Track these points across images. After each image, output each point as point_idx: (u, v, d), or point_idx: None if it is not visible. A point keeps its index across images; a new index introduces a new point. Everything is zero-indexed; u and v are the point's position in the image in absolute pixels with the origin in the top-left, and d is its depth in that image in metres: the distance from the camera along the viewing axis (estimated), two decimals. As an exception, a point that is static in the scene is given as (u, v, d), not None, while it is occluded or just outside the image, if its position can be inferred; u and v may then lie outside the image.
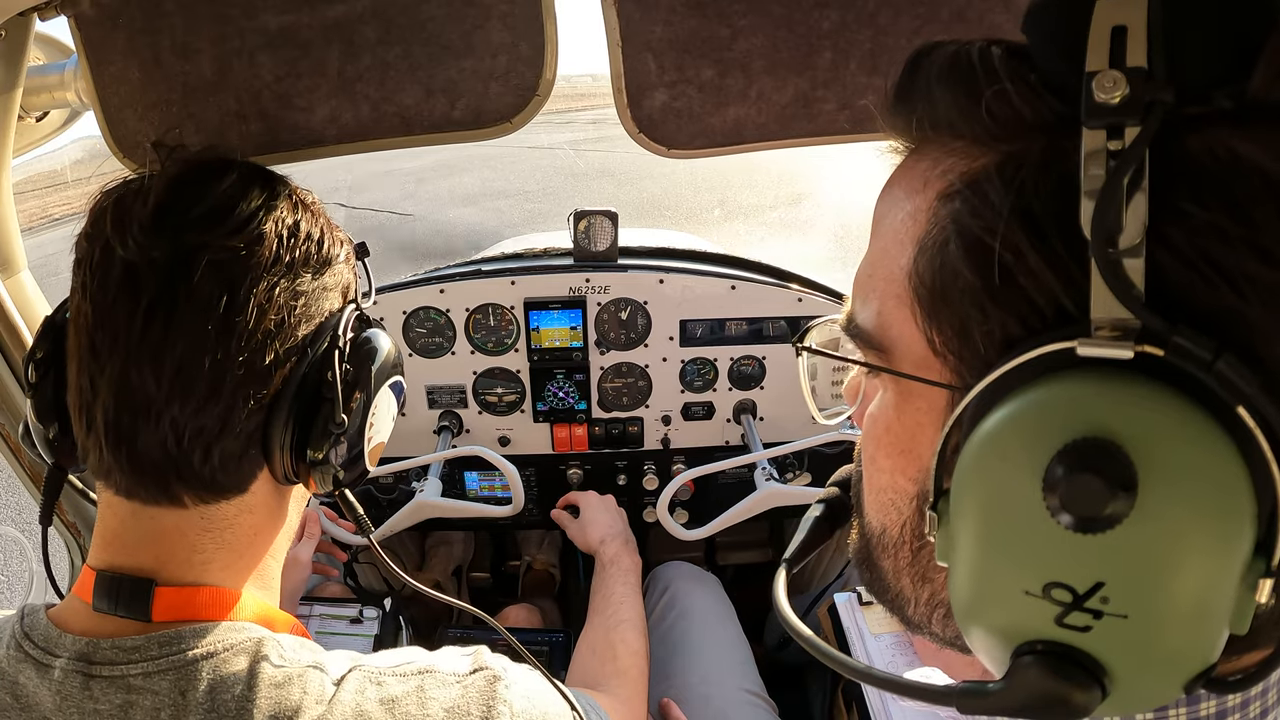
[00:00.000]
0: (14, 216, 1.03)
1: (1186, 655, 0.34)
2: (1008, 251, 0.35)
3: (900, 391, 0.44)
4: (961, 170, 0.39)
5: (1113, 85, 0.32)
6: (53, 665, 0.59)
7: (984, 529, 0.36)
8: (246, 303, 0.60)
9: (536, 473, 1.83)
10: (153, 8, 0.86)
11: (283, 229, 0.64)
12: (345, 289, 0.71)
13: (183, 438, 0.60)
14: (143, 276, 0.59)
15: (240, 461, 0.63)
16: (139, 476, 0.61)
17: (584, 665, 1.25)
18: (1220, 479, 0.31)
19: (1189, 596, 0.32)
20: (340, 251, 0.70)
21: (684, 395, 1.76)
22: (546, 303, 1.64)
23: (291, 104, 0.91)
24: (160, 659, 0.59)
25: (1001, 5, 0.81)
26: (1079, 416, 0.32)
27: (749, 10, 0.85)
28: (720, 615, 1.63)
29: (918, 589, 0.46)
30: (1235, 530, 0.31)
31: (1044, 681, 0.34)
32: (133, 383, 0.59)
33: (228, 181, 0.64)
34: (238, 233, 0.61)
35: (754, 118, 0.92)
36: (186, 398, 0.59)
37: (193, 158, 0.66)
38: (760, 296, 1.66)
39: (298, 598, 1.48)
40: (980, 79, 0.37)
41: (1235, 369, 0.30)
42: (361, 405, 0.68)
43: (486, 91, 0.91)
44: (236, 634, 0.61)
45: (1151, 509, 0.31)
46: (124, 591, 0.60)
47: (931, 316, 0.40)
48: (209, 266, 0.59)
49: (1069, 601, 0.34)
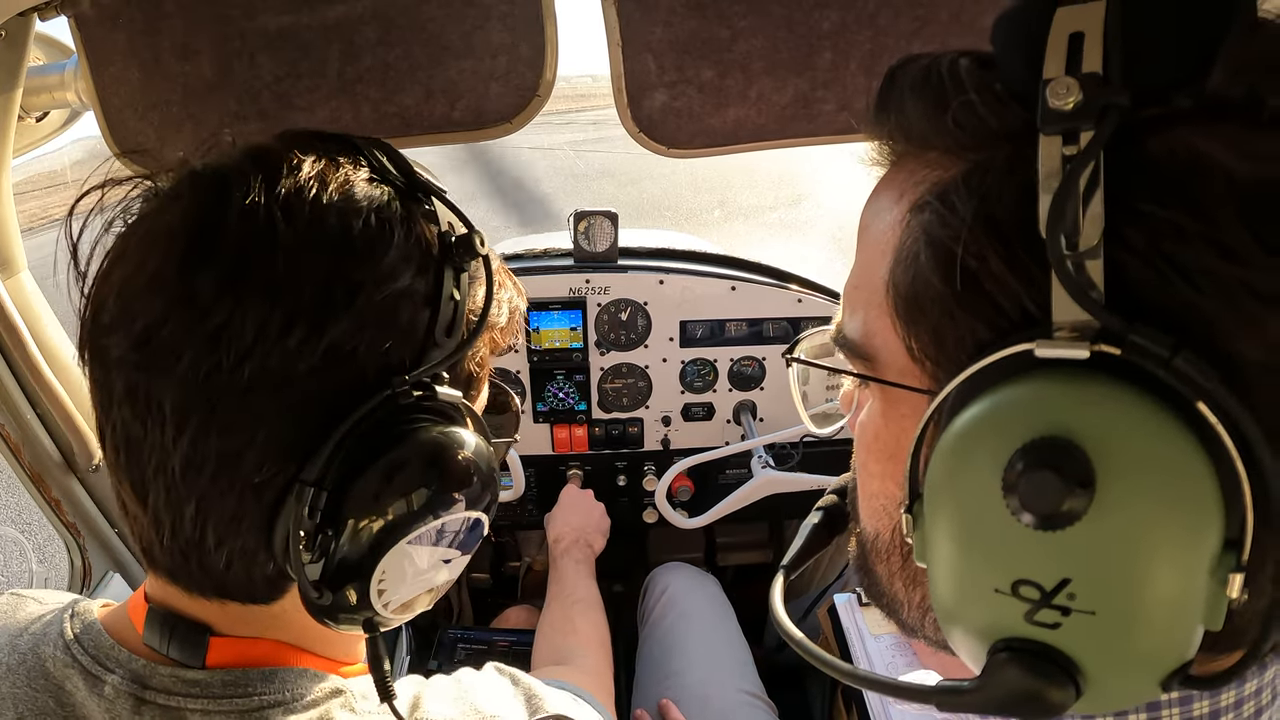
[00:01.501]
0: (14, 217, 1.03)
1: (1159, 652, 0.33)
2: (972, 258, 0.36)
3: (886, 399, 0.45)
4: (933, 181, 0.40)
5: (1066, 91, 0.32)
6: (104, 680, 0.53)
7: (953, 529, 0.37)
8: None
9: (536, 473, 1.83)
10: (153, 8, 0.86)
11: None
12: (389, 351, 0.49)
13: (185, 555, 0.51)
14: None
15: (250, 580, 0.52)
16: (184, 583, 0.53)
17: (548, 642, 1.27)
18: (1180, 474, 0.31)
19: (1155, 592, 0.32)
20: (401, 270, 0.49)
21: (684, 396, 1.76)
22: (546, 303, 1.64)
23: (292, 105, 0.91)
24: (223, 699, 0.52)
25: (999, 7, 0.81)
26: (1036, 416, 0.33)
27: (749, 11, 0.85)
28: (719, 616, 1.64)
29: (910, 592, 0.47)
30: (1199, 524, 0.31)
31: (1017, 678, 0.35)
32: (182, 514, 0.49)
33: None
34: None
35: (754, 118, 0.93)
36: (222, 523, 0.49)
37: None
38: (760, 297, 1.66)
39: None
40: (949, 90, 0.38)
41: (1194, 365, 0.31)
42: (352, 550, 0.49)
43: (487, 92, 0.91)
44: (309, 681, 0.54)
45: (1110, 505, 0.31)
46: (177, 634, 0.53)
47: (909, 325, 0.40)
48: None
49: (1037, 599, 0.34)
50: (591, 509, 1.71)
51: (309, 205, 0.47)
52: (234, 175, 0.48)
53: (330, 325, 0.46)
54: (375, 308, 0.47)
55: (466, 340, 0.52)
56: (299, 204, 0.47)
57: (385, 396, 0.47)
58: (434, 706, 0.59)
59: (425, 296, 0.49)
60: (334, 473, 0.47)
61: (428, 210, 0.53)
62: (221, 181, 0.48)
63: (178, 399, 0.46)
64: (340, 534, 0.47)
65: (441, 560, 0.53)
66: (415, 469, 0.48)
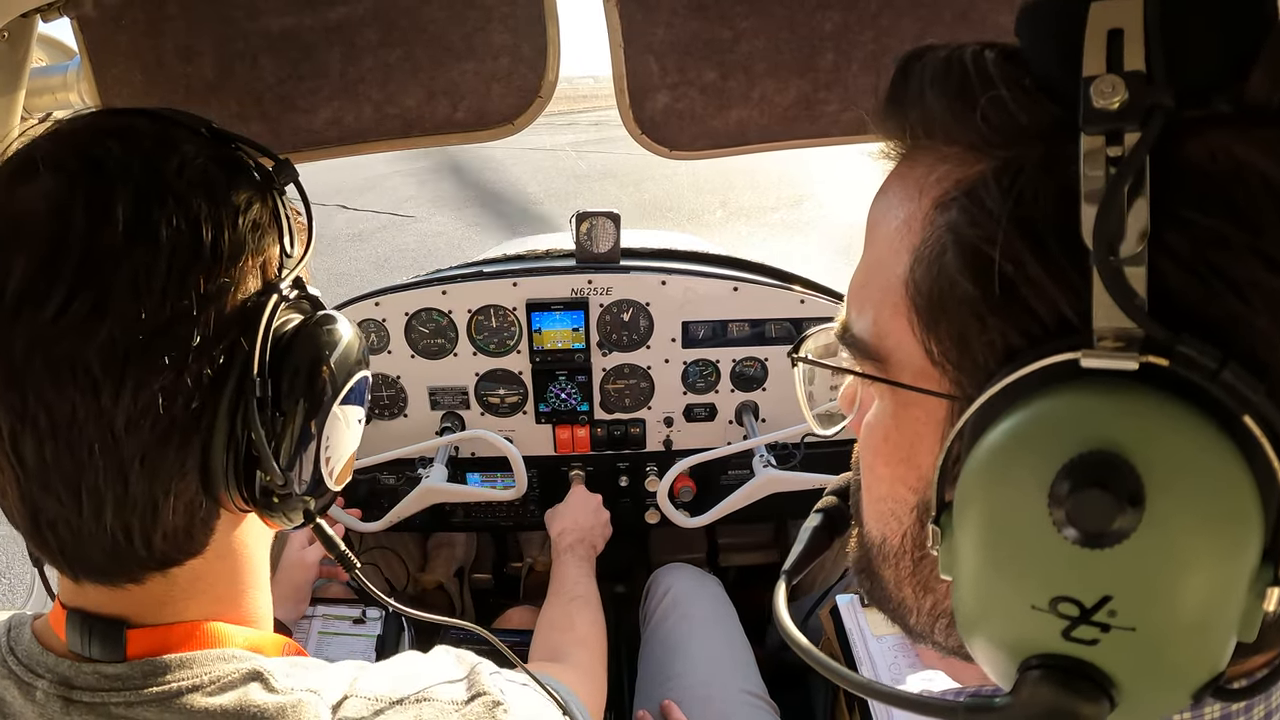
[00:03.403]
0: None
1: (1195, 665, 0.33)
2: (1008, 261, 0.35)
3: (898, 401, 0.43)
4: (957, 178, 0.38)
5: (1111, 90, 0.31)
6: (35, 686, 0.56)
7: (989, 543, 0.35)
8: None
9: (539, 474, 1.83)
10: (155, 10, 0.86)
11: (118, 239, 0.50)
12: (264, 266, 0.56)
13: (127, 532, 0.53)
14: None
15: (190, 529, 0.56)
16: (91, 578, 0.56)
17: (545, 638, 1.28)
18: (1227, 489, 0.31)
19: (1197, 607, 0.32)
20: (240, 222, 0.54)
21: (686, 397, 1.76)
22: (549, 304, 1.64)
23: (294, 106, 0.91)
24: (144, 689, 0.55)
25: (1006, 6, 0.81)
26: (1084, 430, 0.32)
27: (751, 12, 0.85)
28: (721, 617, 1.63)
29: (920, 599, 0.46)
30: (1242, 540, 0.31)
31: (1051, 695, 0.34)
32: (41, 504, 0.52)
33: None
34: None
35: (756, 119, 0.92)
36: (98, 505, 0.51)
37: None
38: (762, 298, 1.66)
39: (306, 599, 1.48)
40: (975, 84, 0.37)
41: (1241, 377, 0.30)
42: (302, 425, 0.56)
43: (488, 93, 0.91)
44: (225, 664, 0.57)
45: (1159, 522, 0.31)
46: (95, 633, 0.56)
47: (930, 327, 0.39)
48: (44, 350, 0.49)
49: (1076, 615, 0.33)
50: (600, 511, 1.72)
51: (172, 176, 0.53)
52: (105, 157, 0.52)
53: (221, 259, 0.53)
54: (244, 237, 0.55)
55: (306, 246, 0.60)
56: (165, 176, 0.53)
57: (279, 297, 0.55)
58: (367, 685, 0.62)
59: (271, 218, 0.58)
60: (267, 365, 0.54)
61: (239, 153, 0.60)
62: (92, 162, 0.52)
63: (106, 358, 0.49)
64: (290, 412, 0.55)
65: (356, 420, 0.63)
66: (327, 343, 0.58)
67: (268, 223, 0.57)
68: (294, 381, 0.56)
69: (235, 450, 0.54)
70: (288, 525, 0.61)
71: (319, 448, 0.59)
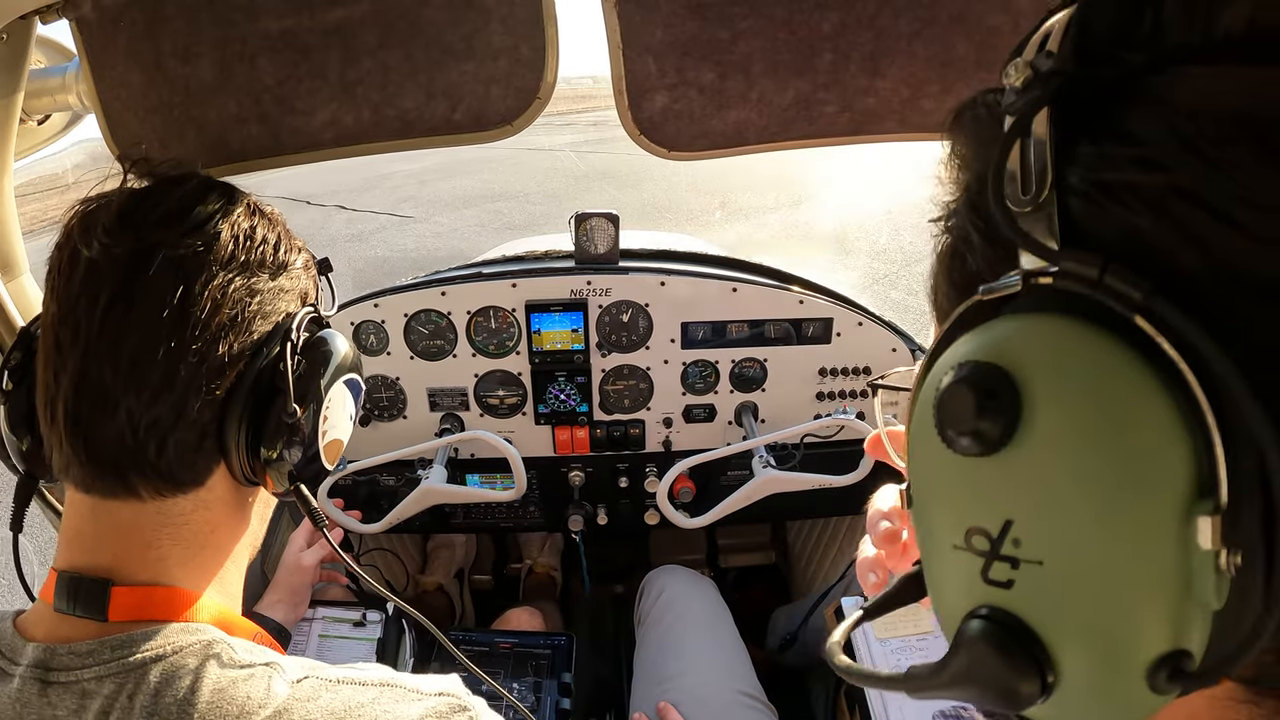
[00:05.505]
0: (16, 219, 1.04)
1: (1131, 625, 0.29)
2: (961, 243, 0.39)
3: None
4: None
5: (1015, 73, 0.34)
6: (13, 674, 0.60)
7: (918, 490, 0.37)
8: (201, 296, 0.63)
9: (538, 475, 1.83)
10: (154, 11, 0.86)
11: (239, 231, 0.67)
12: (303, 295, 0.74)
13: (138, 428, 0.62)
14: (103, 272, 0.62)
15: (196, 455, 0.65)
16: (96, 468, 0.62)
17: None
18: (1115, 394, 0.29)
19: (1103, 535, 0.29)
20: (297, 259, 0.73)
21: (685, 398, 1.76)
22: (548, 305, 1.64)
23: (292, 107, 0.91)
24: (111, 661, 0.59)
25: (1000, 8, 0.81)
26: (965, 350, 0.34)
27: (749, 13, 0.85)
28: (717, 618, 1.63)
29: None
30: (1146, 453, 0.28)
31: (974, 655, 0.33)
32: (91, 374, 0.61)
33: (187, 188, 0.68)
34: (195, 232, 0.65)
35: (755, 120, 0.93)
36: (141, 388, 0.61)
37: (156, 169, 0.69)
38: (761, 299, 1.66)
39: (305, 602, 1.48)
40: (970, 103, 0.41)
41: (1126, 279, 0.29)
42: (314, 401, 0.70)
43: (487, 94, 0.91)
44: (188, 636, 0.62)
45: (1039, 427, 0.30)
46: (82, 592, 0.62)
47: (940, 324, 0.42)
48: (165, 261, 0.62)
49: (987, 549, 0.33)
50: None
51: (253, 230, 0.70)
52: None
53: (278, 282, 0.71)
54: (298, 273, 0.73)
55: (324, 287, 0.81)
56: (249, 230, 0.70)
57: (309, 311, 0.72)
58: (328, 670, 0.65)
59: (305, 266, 0.75)
60: (299, 336, 0.70)
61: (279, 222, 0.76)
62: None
63: (184, 294, 0.63)
64: (313, 362, 0.71)
65: (349, 414, 0.77)
66: (338, 342, 0.74)
67: (308, 264, 0.76)
68: (312, 369, 0.70)
69: (255, 401, 0.66)
70: (277, 487, 0.71)
71: (318, 417, 0.71)
